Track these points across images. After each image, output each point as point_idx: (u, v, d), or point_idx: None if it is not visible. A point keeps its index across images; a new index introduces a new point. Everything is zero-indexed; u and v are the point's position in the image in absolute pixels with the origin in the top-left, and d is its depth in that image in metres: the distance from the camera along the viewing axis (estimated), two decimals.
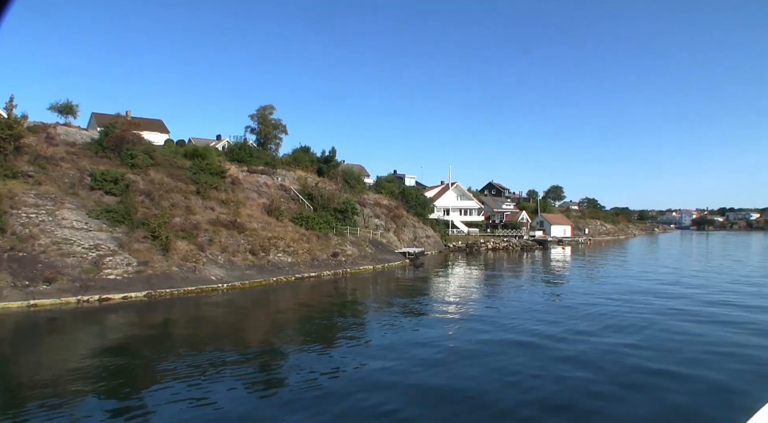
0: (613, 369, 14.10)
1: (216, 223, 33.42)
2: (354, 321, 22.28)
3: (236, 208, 36.08)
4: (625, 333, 18.63)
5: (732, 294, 29.58)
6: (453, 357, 15.28)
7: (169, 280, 27.08)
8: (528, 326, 19.63)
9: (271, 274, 31.29)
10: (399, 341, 17.34)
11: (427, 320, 21.79)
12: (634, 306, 24.84)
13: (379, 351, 16.13)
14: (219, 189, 38.53)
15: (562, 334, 18.23)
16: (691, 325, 20.23)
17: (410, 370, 13.91)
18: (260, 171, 46.33)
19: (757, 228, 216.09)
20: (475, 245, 67.94)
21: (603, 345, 16.69)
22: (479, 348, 16.38)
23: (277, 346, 17.44)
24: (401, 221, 55.89)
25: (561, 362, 14.68)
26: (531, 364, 14.47)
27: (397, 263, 42.48)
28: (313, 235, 38.15)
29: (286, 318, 22.78)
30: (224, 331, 19.84)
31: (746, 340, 17.64)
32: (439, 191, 79.14)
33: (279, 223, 37.74)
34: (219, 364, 14.47)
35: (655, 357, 15.33)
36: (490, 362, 14.71)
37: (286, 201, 42.85)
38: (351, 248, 39.68)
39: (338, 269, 35.89)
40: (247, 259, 31.80)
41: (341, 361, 15.12)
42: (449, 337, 18.65)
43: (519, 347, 16.50)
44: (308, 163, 54.85)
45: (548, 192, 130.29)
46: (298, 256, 34.69)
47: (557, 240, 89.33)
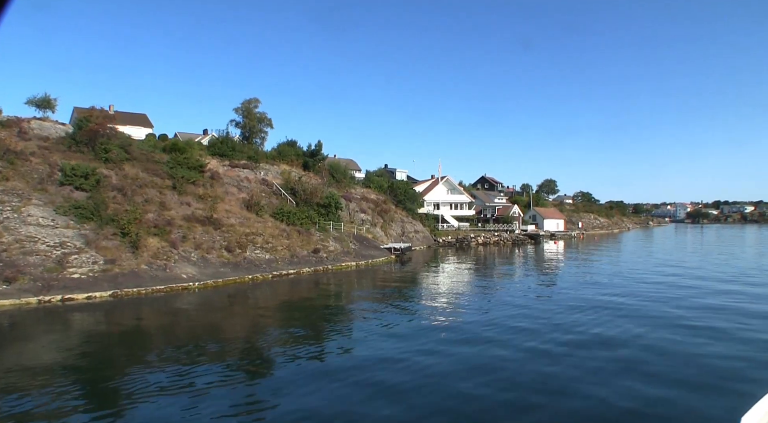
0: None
1: (191, 219, 32.32)
2: (320, 326, 21.24)
3: (213, 204, 34.95)
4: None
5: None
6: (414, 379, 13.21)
7: (137, 278, 26.01)
8: (505, 336, 18.06)
9: (247, 272, 30.24)
10: (363, 357, 16.17)
11: (400, 327, 19.92)
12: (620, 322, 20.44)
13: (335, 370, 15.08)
14: (197, 184, 37.39)
15: (540, 347, 17.15)
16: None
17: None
18: (242, 165, 45.14)
19: (752, 221, 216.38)
20: (465, 240, 66.98)
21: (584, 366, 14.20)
22: (444, 369, 13.94)
23: (237, 350, 16.39)
24: (389, 216, 54.83)
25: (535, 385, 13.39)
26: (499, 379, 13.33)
27: (382, 259, 41.46)
28: (294, 230, 37.07)
29: (252, 319, 21.69)
30: (185, 333, 18.82)
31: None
32: (429, 185, 78.02)
33: (258, 218, 36.64)
34: (184, 373, 13.45)
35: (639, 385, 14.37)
36: (458, 387, 12.64)
37: (268, 196, 41.73)
38: (333, 244, 38.63)
39: (319, 266, 34.86)
40: (222, 256, 30.73)
41: (298, 371, 14.13)
42: (417, 351, 17.46)
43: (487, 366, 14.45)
44: (293, 157, 53.66)
45: (542, 186, 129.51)
46: (276, 253, 33.63)
47: (550, 234, 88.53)
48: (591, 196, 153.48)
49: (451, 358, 14.83)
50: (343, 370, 13.72)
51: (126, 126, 60.69)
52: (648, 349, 15.92)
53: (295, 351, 15.79)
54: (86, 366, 14.53)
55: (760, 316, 21.23)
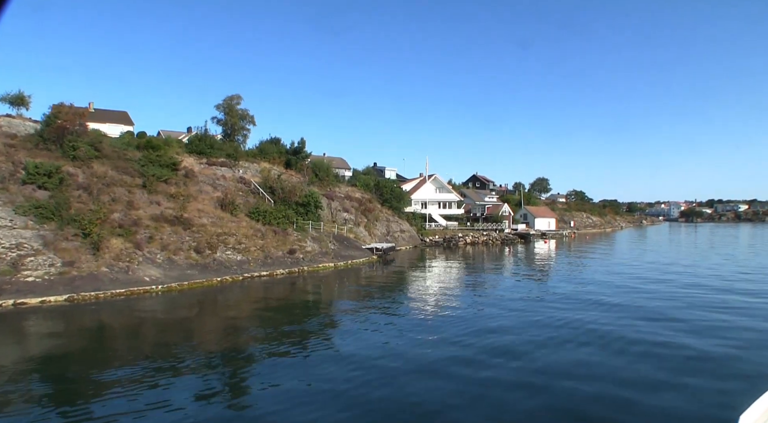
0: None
1: (159, 219, 31.09)
2: (281, 333, 20.08)
3: (184, 203, 33.73)
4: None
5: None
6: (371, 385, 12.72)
7: (96, 281, 24.79)
8: (480, 343, 16.98)
9: (216, 274, 29.04)
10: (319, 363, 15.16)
11: (356, 338, 18.69)
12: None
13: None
14: (170, 182, 36.15)
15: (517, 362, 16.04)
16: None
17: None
18: (220, 163, 43.89)
19: (746, 219, 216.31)
20: (452, 239, 65.85)
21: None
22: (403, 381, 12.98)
23: (191, 361, 15.18)
24: (373, 215, 53.66)
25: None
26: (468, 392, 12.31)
27: (363, 260, 40.29)
28: (269, 230, 35.87)
29: (213, 327, 20.53)
30: (139, 343, 17.65)
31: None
32: (417, 184, 76.84)
33: (233, 218, 35.44)
34: (139, 389, 12.31)
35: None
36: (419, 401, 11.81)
37: (245, 194, 40.51)
38: (311, 244, 37.44)
39: (294, 267, 33.67)
40: (191, 257, 29.52)
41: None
42: (380, 357, 16.50)
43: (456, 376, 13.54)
44: (276, 155, 52.46)
45: (534, 184, 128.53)
46: (249, 254, 32.43)
47: (540, 233, 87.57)
48: (584, 195, 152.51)
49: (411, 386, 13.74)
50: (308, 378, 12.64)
51: (105, 123, 59.46)
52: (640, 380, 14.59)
53: (260, 364, 14.68)
54: (34, 372, 13.41)
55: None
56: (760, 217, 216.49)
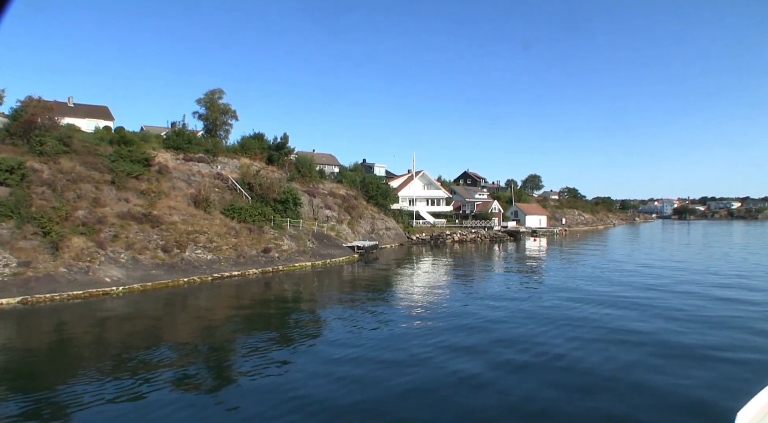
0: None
1: (126, 217, 29.89)
2: (245, 337, 18.99)
3: (154, 200, 32.55)
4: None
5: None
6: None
7: (53, 283, 23.62)
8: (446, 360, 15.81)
9: (184, 274, 27.90)
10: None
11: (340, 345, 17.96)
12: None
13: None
14: (141, 178, 34.90)
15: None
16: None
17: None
18: (197, 159, 42.61)
19: (738, 217, 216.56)
20: (440, 237, 64.86)
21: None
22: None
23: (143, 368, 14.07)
24: (357, 212, 52.53)
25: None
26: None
27: (343, 259, 39.19)
28: (244, 228, 34.73)
29: (164, 331, 19.39)
30: (80, 350, 16.51)
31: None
32: (405, 180, 75.64)
33: (206, 215, 34.28)
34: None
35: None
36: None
37: (222, 191, 39.29)
38: (288, 243, 36.32)
39: (269, 267, 32.55)
40: (157, 257, 28.35)
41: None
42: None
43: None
44: (257, 150, 51.21)
45: (526, 181, 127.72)
46: (221, 253, 31.30)
47: (531, 231, 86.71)
48: (577, 192, 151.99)
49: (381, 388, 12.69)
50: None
51: (85, 118, 58.20)
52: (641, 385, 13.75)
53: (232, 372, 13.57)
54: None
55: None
56: (753, 214, 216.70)
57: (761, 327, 18.80)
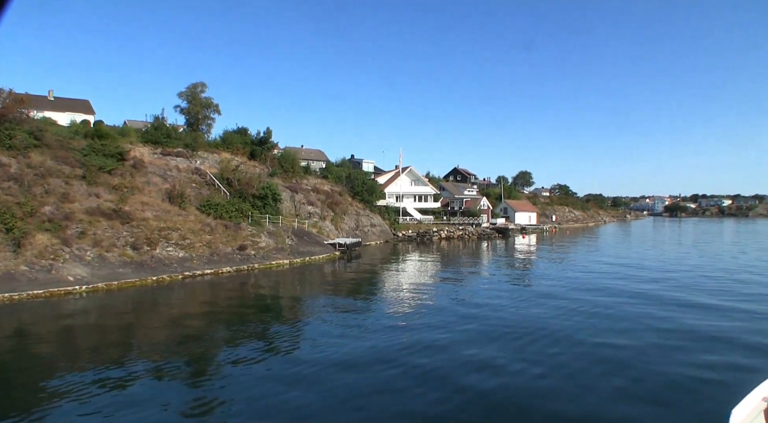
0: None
1: (95, 213, 28.99)
2: (209, 341, 18.23)
3: (126, 195, 31.67)
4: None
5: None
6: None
7: (12, 281, 22.74)
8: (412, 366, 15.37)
9: (152, 273, 27.06)
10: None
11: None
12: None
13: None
14: (114, 173, 33.99)
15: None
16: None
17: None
18: (175, 153, 41.65)
19: (729, 214, 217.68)
20: (426, 234, 64.20)
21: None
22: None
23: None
24: (341, 208, 51.73)
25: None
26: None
27: (324, 256, 38.45)
28: (220, 225, 33.89)
29: (123, 334, 18.59)
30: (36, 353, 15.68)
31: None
32: (392, 176, 74.81)
33: (181, 211, 33.42)
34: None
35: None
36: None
37: (199, 186, 38.41)
38: (266, 240, 35.52)
39: (244, 265, 31.75)
40: (125, 254, 27.48)
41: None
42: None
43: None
44: (240, 145, 50.26)
45: (516, 178, 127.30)
46: (193, 250, 30.48)
47: (520, 228, 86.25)
48: (568, 189, 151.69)
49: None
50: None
51: (65, 112, 57.03)
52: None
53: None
54: None
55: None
56: (744, 212, 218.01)
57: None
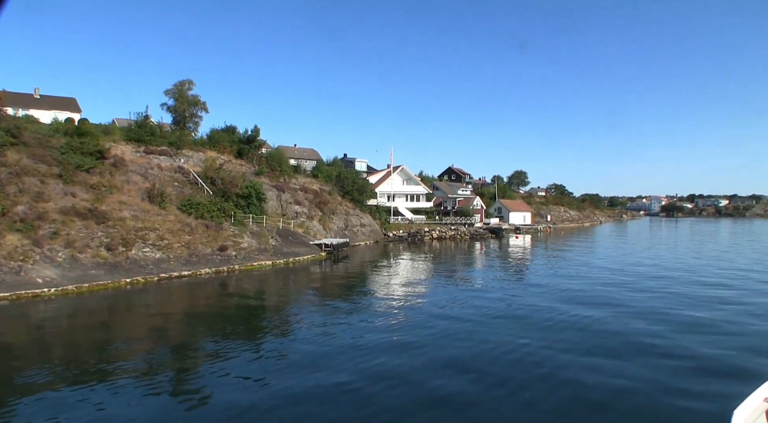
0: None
1: (69, 212, 28.23)
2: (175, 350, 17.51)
3: (103, 194, 30.93)
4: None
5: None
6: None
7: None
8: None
9: (126, 274, 26.33)
10: None
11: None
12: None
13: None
14: (93, 172, 33.25)
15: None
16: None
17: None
18: (158, 152, 40.89)
19: (726, 214, 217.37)
20: (418, 234, 63.50)
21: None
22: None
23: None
24: (329, 208, 51.01)
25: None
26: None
27: (309, 257, 37.73)
28: (201, 225, 33.17)
29: (85, 342, 17.85)
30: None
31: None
32: (383, 175, 74.03)
33: (160, 211, 32.68)
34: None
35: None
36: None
37: (182, 185, 37.67)
38: (249, 240, 34.79)
39: (224, 266, 31.02)
40: (99, 255, 26.74)
41: None
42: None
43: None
44: (226, 143, 49.54)
45: (512, 177, 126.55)
46: (171, 251, 29.75)
47: (514, 228, 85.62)
48: (564, 189, 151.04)
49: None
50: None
51: (50, 110, 56.30)
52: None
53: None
54: None
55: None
56: (741, 212, 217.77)
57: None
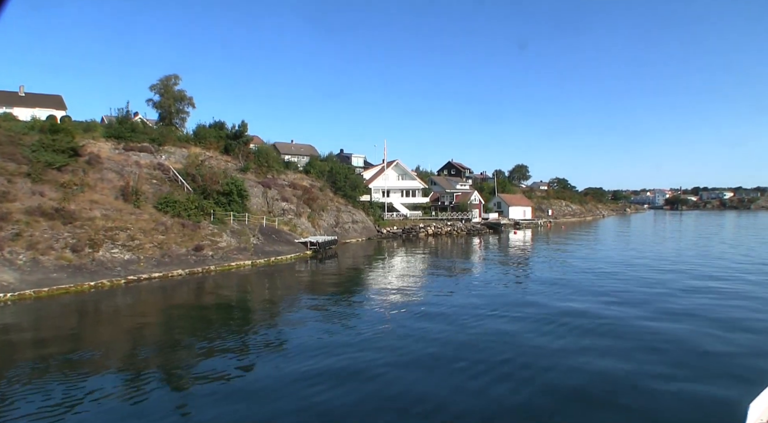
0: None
1: (35, 212, 26.92)
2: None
3: (74, 193, 29.64)
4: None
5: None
6: None
7: None
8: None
9: (91, 277, 25.00)
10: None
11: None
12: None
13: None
14: (65, 170, 31.94)
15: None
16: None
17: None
18: (138, 148, 39.54)
19: (731, 207, 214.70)
20: (413, 230, 61.97)
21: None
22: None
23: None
24: (318, 204, 49.54)
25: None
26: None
27: (292, 256, 36.35)
28: (176, 223, 31.82)
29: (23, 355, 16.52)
30: None
31: None
32: (378, 171, 72.42)
33: (134, 209, 31.37)
34: None
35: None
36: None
37: (161, 182, 36.32)
38: (228, 239, 33.44)
39: (199, 267, 29.68)
40: (63, 257, 25.42)
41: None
42: None
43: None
44: (213, 139, 48.18)
45: (513, 171, 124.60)
46: (142, 252, 28.40)
47: (514, 222, 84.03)
48: (567, 183, 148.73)
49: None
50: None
51: (35, 108, 55.04)
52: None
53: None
54: None
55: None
56: (745, 204, 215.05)
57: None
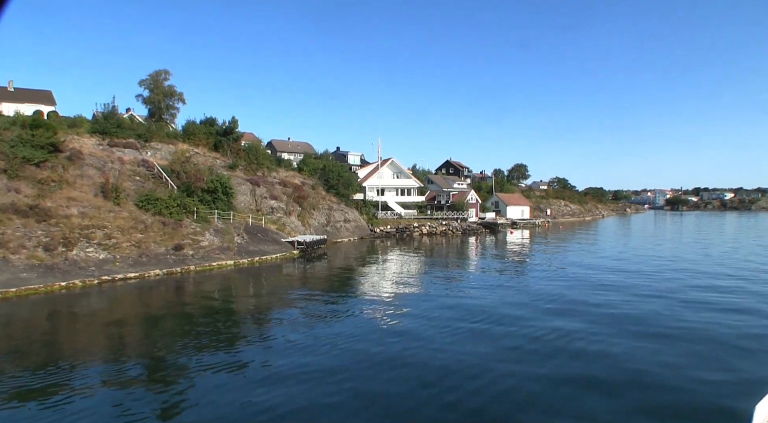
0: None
1: (8, 210, 26.07)
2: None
3: (52, 190, 28.80)
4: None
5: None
6: None
7: None
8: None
9: (63, 277, 24.15)
10: None
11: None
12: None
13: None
14: (44, 166, 31.08)
15: None
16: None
17: None
18: (123, 144, 38.68)
19: (731, 208, 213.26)
20: (407, 230, 61.04)
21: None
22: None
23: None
24: (309, 202, 48.61)
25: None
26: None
27: (278, 256, 35.46)
28: (157, 222, 30.97)
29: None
30: None
31: None
32: (373, 169, 71.43)
33: (113, 207, 30.50)
34: None
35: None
36: None
37: (144, 179, 35.45)
38: (211, 238, 32.58)
39: (177, 266, 28.81)
40: (35, 256, 24.58)
41: None
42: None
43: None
44: (202, 135, 47.27)
45: (512, 171, 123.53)
46: (118, 251, 27.54)
47: (511, 222, 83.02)
48: (567, 183, 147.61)
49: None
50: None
51: (24, 103, 54.35)
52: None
53: None
54: None
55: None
56: (746, 205, 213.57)
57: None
